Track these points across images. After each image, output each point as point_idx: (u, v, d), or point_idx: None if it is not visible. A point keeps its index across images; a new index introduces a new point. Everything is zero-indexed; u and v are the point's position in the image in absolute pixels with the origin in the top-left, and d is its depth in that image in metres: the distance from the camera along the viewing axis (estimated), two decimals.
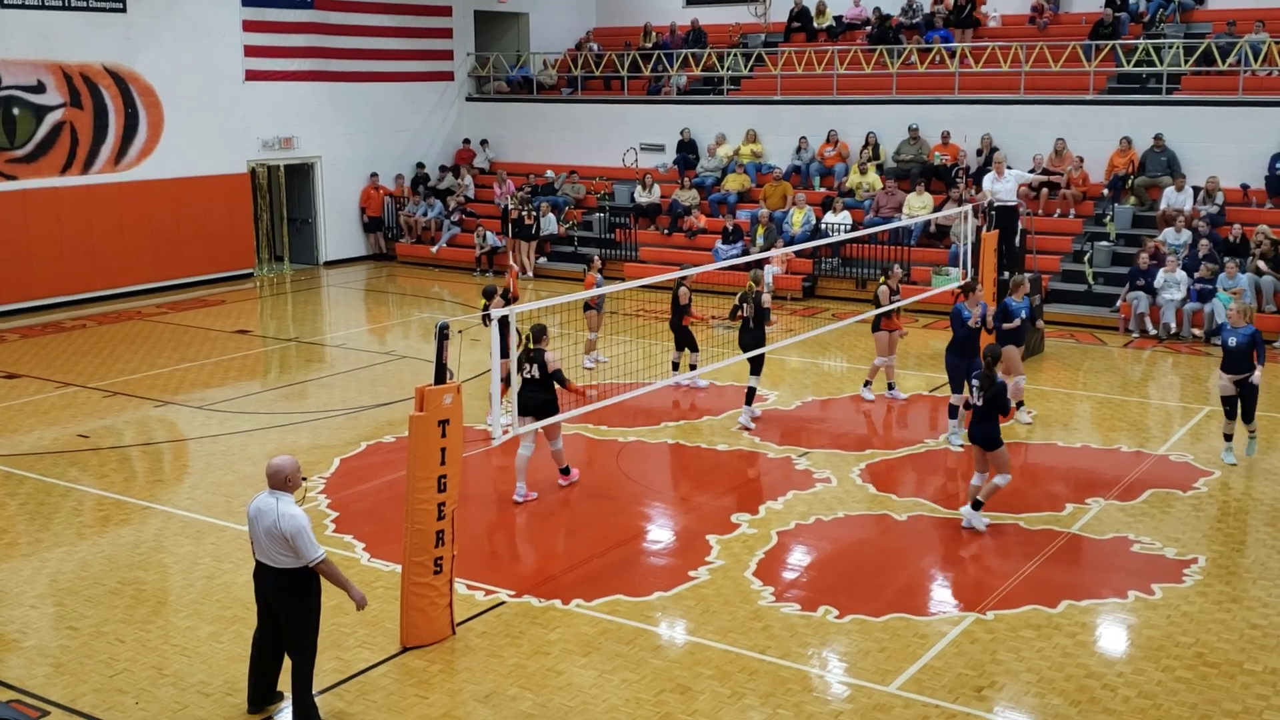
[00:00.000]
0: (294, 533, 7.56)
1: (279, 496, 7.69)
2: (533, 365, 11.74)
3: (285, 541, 7.58)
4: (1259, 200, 20.92)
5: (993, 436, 11.08)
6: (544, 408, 11.63)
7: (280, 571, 7.69)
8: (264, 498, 7.75)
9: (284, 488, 7.72)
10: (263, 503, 7.72)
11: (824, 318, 20.10)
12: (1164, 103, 22.12)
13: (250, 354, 18.91)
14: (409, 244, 27.26)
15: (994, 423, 11.09)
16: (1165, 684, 8.42)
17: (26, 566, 10.65)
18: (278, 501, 7.66)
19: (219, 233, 24.70)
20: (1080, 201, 22.16)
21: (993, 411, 11.08)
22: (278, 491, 7.72)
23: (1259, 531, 11.23)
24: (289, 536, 7.56)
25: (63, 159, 22.23)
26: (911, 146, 23.76)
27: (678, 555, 10.84)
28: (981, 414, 11.13)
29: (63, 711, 8.15)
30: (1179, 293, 18.97)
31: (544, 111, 28.75)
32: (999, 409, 11.11)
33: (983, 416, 11.12)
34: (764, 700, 8.21)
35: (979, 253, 17.28)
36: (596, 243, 25.39)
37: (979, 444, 11.16)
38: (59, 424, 14.98)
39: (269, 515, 7.63)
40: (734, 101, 26.59)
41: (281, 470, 7.73)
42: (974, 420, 11.22)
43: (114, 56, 22.82)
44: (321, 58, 26.35)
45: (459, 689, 8.46)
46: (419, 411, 8.73)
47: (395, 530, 10.09)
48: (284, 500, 7.67)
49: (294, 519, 7.58)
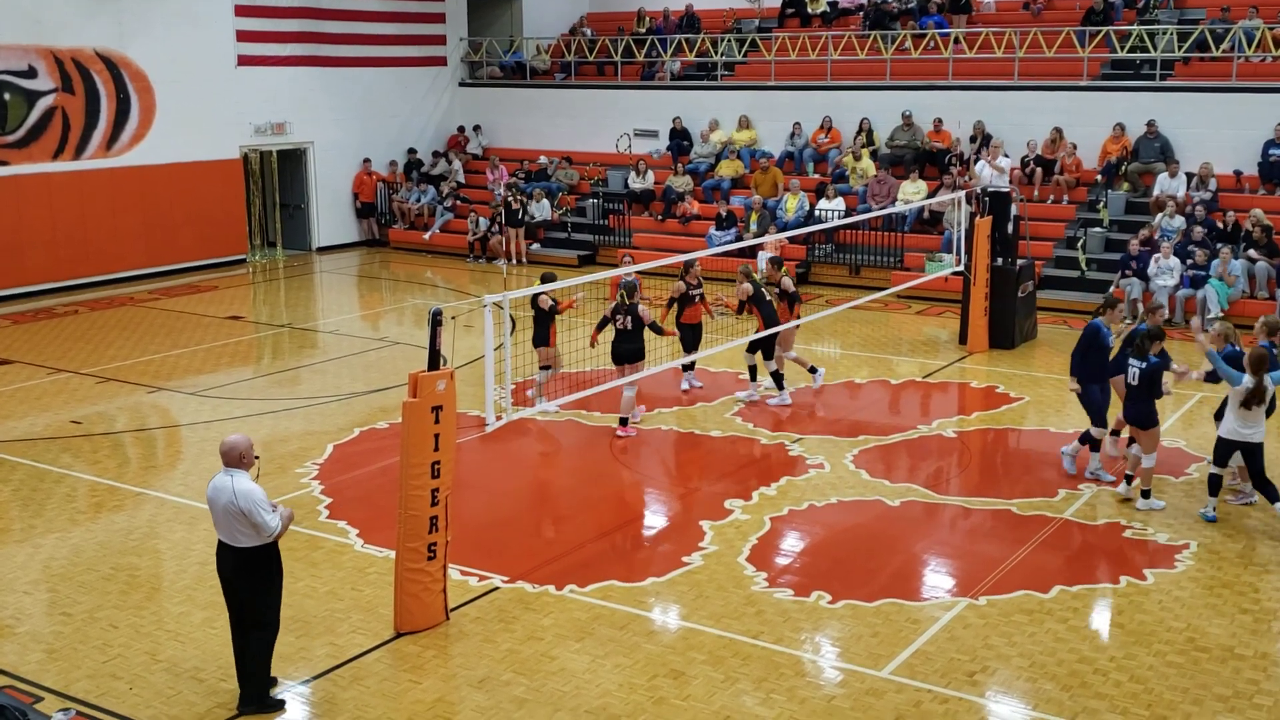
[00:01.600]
0: (249, 508, 7.59)
1: (233, 474, 7.73)
2: (627, 317, 13.37)
3: (243, 517, 7.62)
4: (1252, 186, 20.94)
5: (1149, 416, 11.27)
6: (634, 355, 13.40)
7: (240, 550, 7.74)
8: (220, 477, 7.79)
9: (238, 465, 7.76)
10: (219, 481, 7.76)
11: (817, 304, 20.09)
12: (1158, 89, 22.11)
13: (243, 340, 18.88)
14: (402, 230, 27.21)
15: (1150, 402, 11.27)
16: (1157, 669, 8.45)
17: (20, 552, 10.64)
18: (232, 479, 7.69)
19: (211, 218, 24.63)
20: (1074, 187, 22.17)
21: (1148, 391, 11.26)
22: (232, 469, 7.76)
23: (1250, 517, 11.26)
24: (245, 511, 7.60)
25: (54, 144, 22.14)
26: (905, 132, 23.73)
27: (671, 541, 10.86)
28: (1137, 394, 11.29)
29: (56, 697, 8.15)
30: (1172, 279, 19.00)
31: (537, 97, 28.67)
32: (1154, 390, 11.29)
33: (1138, 396, 11.28)
34: (757, 685, 8.24)
35: (972, 239, 17.30)
36: (590, 229, 25.37)
37: (1136, 424, 11.32)
38: (51, 410, 14.96)
39: (225, 493, 7.66)
40: (728, 87, 26.54)
41: (235, 448, 7.78)
42: (1129, 400, 11.38)
43: (106, 41, 22.71)
44: (314, 43, 26.25)
45: (452, 674, 8.48)
46: (412, 397, 8.73)
47: (389, 516, 10.09)
48: (239, 477, 7.70)
49: (248, 494, 7.62)
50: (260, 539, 7.71)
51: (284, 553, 10.43)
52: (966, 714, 7.89)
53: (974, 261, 17.26)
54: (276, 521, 7.72)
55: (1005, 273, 17.57)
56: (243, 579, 7.82)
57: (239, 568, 7.79)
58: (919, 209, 22.10)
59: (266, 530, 7.68)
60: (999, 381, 15.87)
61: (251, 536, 7.70)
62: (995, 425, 14.08)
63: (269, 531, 7.69)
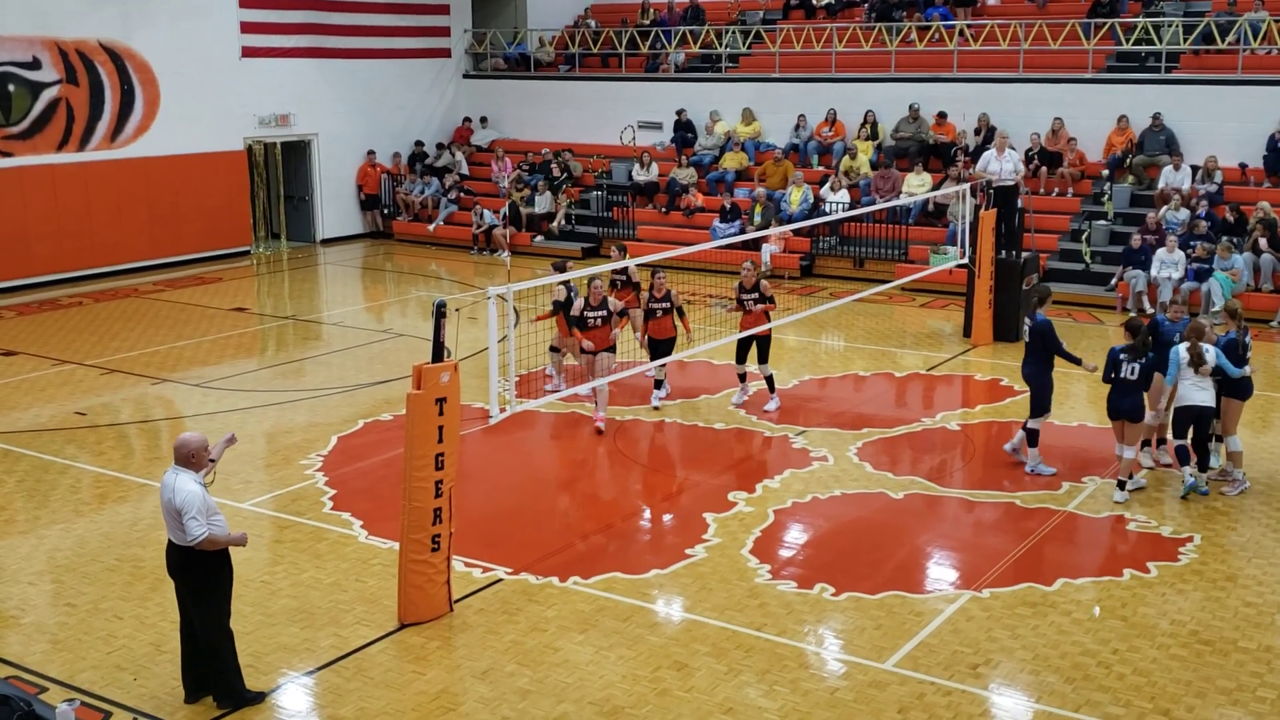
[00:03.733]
0: (182, 508, 7.39)
1: (179, 471, 7.58)
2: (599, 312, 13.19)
3: (177, 516, 7.44)
4: (1257, 179, 20.90)
5: (1142, 409, 11.49)
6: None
7: (183, 549, 7.57)
8: (168, 473, 7.65)
9: (187, 464, 7.60)
10: (166, 478, 7.63)
11: (822, 296, 20.09)
12: (1163, 81, 22.06)
13: (247, 331, 18.89)
14: (406, 222, 27.21)
15: (1141, 395, 11.48)
16: (1160, 661, 8.45)
17: (24, 543, 10.67)
18: (176, 477, 7.55)
19: (216, 210, 24.64)
20: (1078, 180, 22.13)
21: (1145, 385, 11.50)
22: (180, 467, 7.61)
23: (1254, 510, 11.26)
24: (179, 510, 7.40)
25: (59, 136, 22.15)
26: (910, 125, 23.69)
27: (675, 533, 10.86)
28: (1134, 387, 11.41)
29: (61, 687, 8.17)
30: (1176, 272, 18.97)
31: (541, 89, 28.64)
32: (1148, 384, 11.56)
33: (1134, 389, 11.41)
34: (760, 677, 8.25)
35: (977, 232, 17.29)
36: (594, 221, 25.36)
37: (1131, 418, 11.44)
38: (56, 401, 14.98)
39: (167, 490, 7.53)
40: (732, 79, 26.51)
41: (187, 445, 7.64)
42: (1124, 393, 11.45)
43: (110, 33, 22.71)
44: (318, 34, 26.24)
45: (456, 665, 8.49)
46: (416, 390, 8.73)
47: (393, 508, 10.11)
48: (183, 476, 7.54)
49: (187, 495, 7.42)
50: (183, 542, 7.48)
51: (288, 544, 10.54)
52: (969, 706, 7.90)
53: (979, 254, 17.25)
54: (200, 531, 7.38)
55: (1010, 265, 17.55)
56: (186, 579, 7.66)
57: (179, 566, 7.65)
58: (924, 202, 22.07)
59: (188, 535, 7.39)
60: (1003, 374, 15.86)
61: (183, 538, 7.49)
62: (999, 418, 14.07)
63: (190, 537, 7.39)
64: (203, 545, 7.48)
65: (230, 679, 7.89)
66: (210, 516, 7.53)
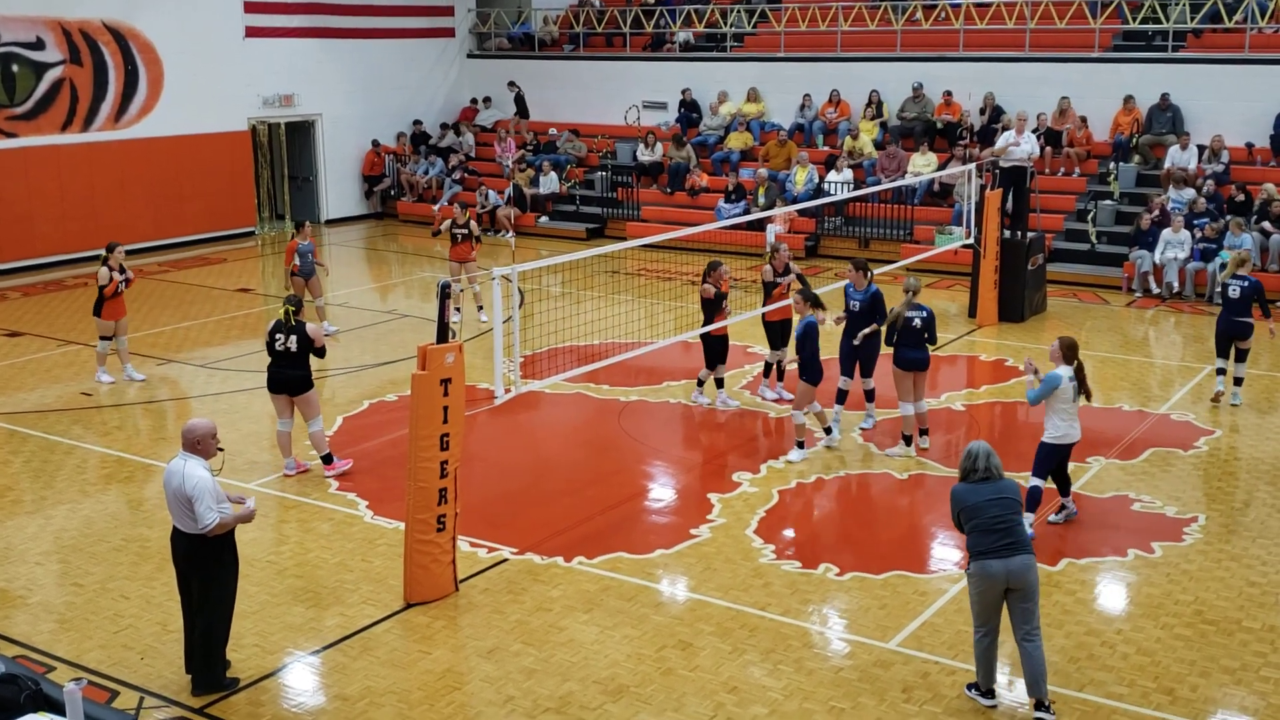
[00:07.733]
0: (194, 496, 7.40)
1: (187, 458, 7.57)
2: (290, 337, 11.95)
3: (188, 504, 7.43)
4: (1264, 159, 20.82)
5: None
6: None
7: (191, 537, 7.56)
8: (175, 460, 7.63)
9: (194, 450, 7.60)
10: (174, 464, 7.61)
11: (826, 277, 20.04)
12: (1169, 60, 21.97)
13: (252, 312, 18.90)
14: (410, 202, 27.18)
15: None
16: (1164, 641, 8.47)
17: (31, 524, 10.70)
18: (185, 463, 7.54)
19: (220, 191, 24.63)
20: (1084, 160, 22.06)
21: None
22: (188, 453, 7.60)
23: (1259, 490, 11.26)
24: (191, 498, 7.41)
25: (62, 116, 22.13)
26: (915, 104, 23.61)
27: (679, 513, 10.88)
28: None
29: (68, 667, 8.21)
30: (1182, 252, 18.92)
31: (545, 69, 28.56)
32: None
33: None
34: (765, 656, 8.27)
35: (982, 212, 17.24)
36: (598, 201, 25.31)
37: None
38: (62, 382, 15.01)
39: (176, 476, 7.51)
40: (737, 58, 26.41)
41: (193, 431, 7.64)
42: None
43: (113, 13, 22.66)
44: (321, 14, 26.17)
45: (462, 644, 8.52)
46: (421, 370, 8.74)
47: (398, 488, 10.13)
48: (191, 462, 7.54)
49: (198, 481, 7.42)
50: (195, 529, 7.49)
51: (294, 524, 10.57)
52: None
53: (984, 235, 17.20)
54: (212, 518, 7.43)
55: (1015, 246, 17.51)
56: (192, 566, 7.66)
57: (189, 555, 7.64)
58: (929, 182, 22.00)
59: (200, 523, 7.42)
60: (1008, 355, 15.84)
61: (192, 526, 7.51)
62: (1004, 399, 14.06)
63: (202, 525, 7.43)
64: (213, 531, 7.50)
65: (213, 664, 7.88)
66: (219, 504, 7.57)
